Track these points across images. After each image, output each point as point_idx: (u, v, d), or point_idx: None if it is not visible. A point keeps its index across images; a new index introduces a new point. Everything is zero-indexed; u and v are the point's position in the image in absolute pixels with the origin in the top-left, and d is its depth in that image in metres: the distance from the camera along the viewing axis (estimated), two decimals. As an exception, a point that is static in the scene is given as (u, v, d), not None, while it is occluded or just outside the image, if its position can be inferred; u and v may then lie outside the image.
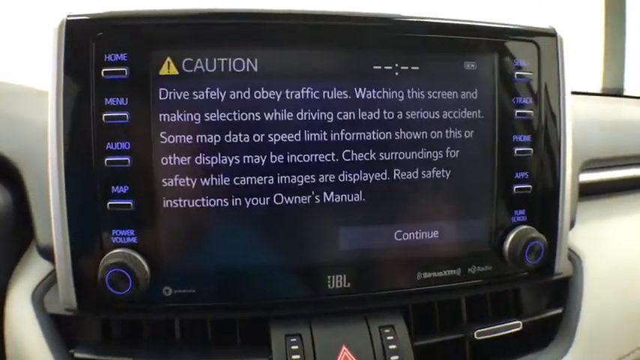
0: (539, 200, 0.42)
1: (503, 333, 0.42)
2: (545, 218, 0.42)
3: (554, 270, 0.43)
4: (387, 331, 0.40)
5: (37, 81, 0.50)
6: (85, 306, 0.38)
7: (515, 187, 0.41)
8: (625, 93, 0.91)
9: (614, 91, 0.92)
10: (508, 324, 0.42)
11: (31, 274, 0.42)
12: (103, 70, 0.35)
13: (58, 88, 0.35)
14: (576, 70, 0.44)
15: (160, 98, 0.36)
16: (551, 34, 0.42)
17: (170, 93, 0.36)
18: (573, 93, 0.43)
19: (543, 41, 0.41)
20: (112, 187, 0.36)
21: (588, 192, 0.51)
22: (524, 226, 0.41)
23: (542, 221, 0.42)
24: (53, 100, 0.35)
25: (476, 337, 0.41)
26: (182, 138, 0.36)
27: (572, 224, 0.47)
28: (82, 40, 0.35)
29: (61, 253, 0.36)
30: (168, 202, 0.37)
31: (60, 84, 0.35)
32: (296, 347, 0.38)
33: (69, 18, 0.35)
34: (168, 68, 0.36)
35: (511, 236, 0.41)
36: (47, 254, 0.40)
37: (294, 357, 0.38)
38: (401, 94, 0.38)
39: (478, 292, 0.44)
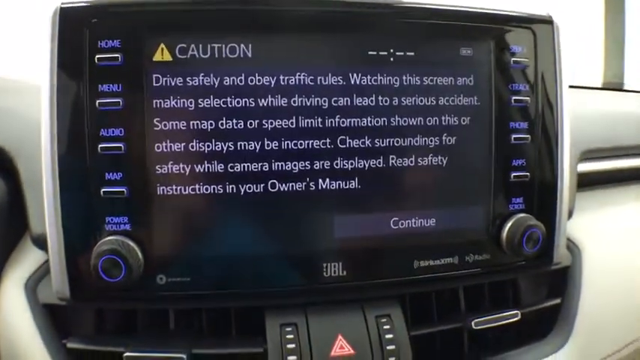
0: (537, 188, 0.41)
1: (501, 323, 0.41)
2: (544, 206, 0.42)
3: (552, 259, 0.43)
4: (383, 320, 0.39)
5: (30, 76, 0.50)
6: (78, 295, 0.37)
7: (512, 175, 0.41)
8: (625, 87, 0.92)
9: (614, 85, 0.92)
10: (506, 314, 0.42)
11: (24, 264, 0.42)
12: (97, 56, 0.35)
13: (52, 74, 0.35)
14: (577, 67, 0.44)
15: (154, 84, 0.36)
16: (547, 22, 0.42)
17: (164, 79, 0.36)
18: (572, 87, 0.43)
19: (540, 28, 0.41)
20: (106, 174, 0.36)
21: (587, 182, 0.51)
22: (522, 214, 0.40)
23: (540, 209, 0.41)
24: (47, 87, 0.35)
25: (474, 327, 0.41)
26: (176, 124, 0.36)
27: (570, 214, 0.47)
28: (76, 27, 0.35)
29: (54, 240, 0.36)
30: (163, 189, 0.36)
31: (53, 71, 0.35)
32: (291, 336, 0.38)
33: (63, 5, 0.35)
34: (162, 54, 0.36)
35: (509, 224, 0.40)
36: (41, 243, 0.40)
37: (289, 346, 0.37)
38: (396, 80, 0.38)
39: (476, 282, 0.43)
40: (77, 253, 0.36)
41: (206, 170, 0.36)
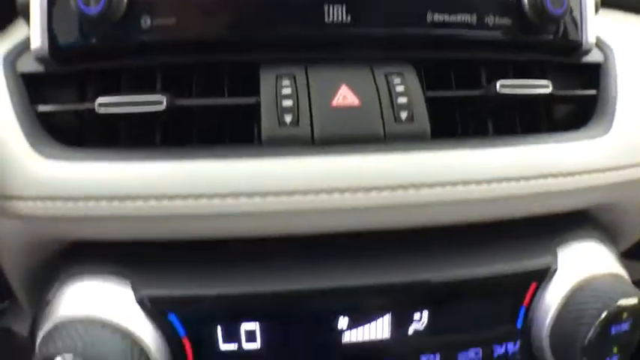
0: None
1: (530, 92, 0.36)
2: None
3: (582, 43, 0.38)
4: (394, 76, 0.34)
5: None
6: (57, 51, 0.34)
7: None
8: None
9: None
10: (536, 82, 0.36)
11: (7, 40, 0.38)
12: None
13: None
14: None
15: None
16: None
17: None
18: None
19: None
20: None
21: (613, 4, 0.47)
22: None
23: None
24: None
25: (498, 90, 0.35)
26: None
27: (597, 7, 0.42)
28: None
29: None
30: None
31: None
32: (287, 83, 0.33)
33: None
34: None
35: (530, -18, 0.36)
36: (26, 12, 0.37)
37: (284, 92, 0.33)
38: None
39: (497, 56, 0.38)
40: None
41: None
